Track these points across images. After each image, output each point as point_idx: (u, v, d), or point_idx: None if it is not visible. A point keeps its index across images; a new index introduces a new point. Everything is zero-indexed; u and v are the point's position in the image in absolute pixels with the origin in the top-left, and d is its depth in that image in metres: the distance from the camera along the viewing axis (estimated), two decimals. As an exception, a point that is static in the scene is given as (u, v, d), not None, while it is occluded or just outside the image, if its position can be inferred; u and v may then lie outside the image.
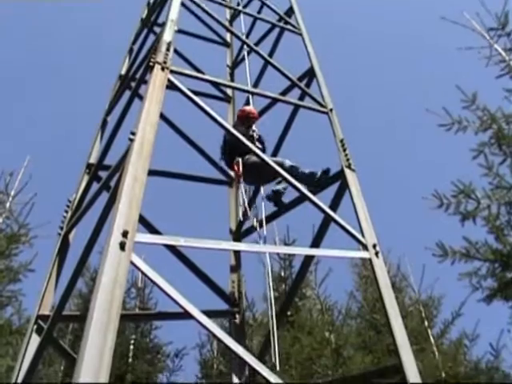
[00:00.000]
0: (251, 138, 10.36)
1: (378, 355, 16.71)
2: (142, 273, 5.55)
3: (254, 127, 10.87)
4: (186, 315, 5.99)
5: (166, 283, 5.79)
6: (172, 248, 9.41)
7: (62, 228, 9.19)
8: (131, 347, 17.38)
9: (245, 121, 10.89)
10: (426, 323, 18.44)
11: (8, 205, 19.03)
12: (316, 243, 8.69)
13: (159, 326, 18.33)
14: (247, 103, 12.04)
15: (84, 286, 20.67)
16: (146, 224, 9.41)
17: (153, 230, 9.43)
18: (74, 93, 53.07)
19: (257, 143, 10.47)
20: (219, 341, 6.95)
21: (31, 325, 8.22)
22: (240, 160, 9.98)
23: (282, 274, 19.73)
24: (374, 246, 7.67)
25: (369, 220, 8.08)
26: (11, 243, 18.02)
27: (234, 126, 10.26)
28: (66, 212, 9.40)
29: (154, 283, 5.71)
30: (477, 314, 17.55)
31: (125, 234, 5.38)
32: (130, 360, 16.99)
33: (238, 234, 10.56)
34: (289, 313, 18.21)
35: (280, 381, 6.04)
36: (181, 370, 17.58)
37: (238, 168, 9.92)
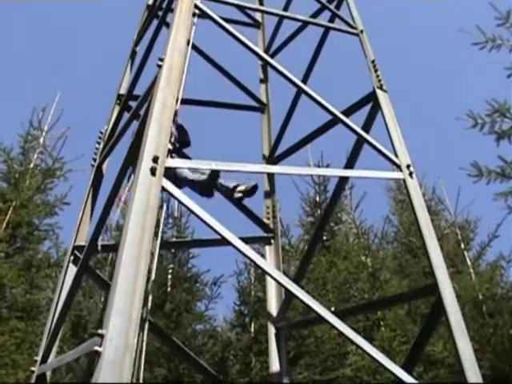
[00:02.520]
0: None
1: (414, 278, 16.73)
2: (174, 197, 5.57)
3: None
4: (223, 241, 6.02)
5: (200, 208, 5.80)
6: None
7: (94, 160, 9.19)
8: (169, 277, 17.52)
9: None
10: (463, 245, 18.37)
11: (42, 140, 19.16)
12: (349, 165, 8.64)
13: (196, 255, 18.42)
14: None
15: (121, 218, 20.78)
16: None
17: (183, 157, 9.39)
18: (104, 23, 52.85)
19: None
20: (256, 265, 6.97)
21: (68, 256, 8.30)
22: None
23: (317, 199, 19.72)
24: (408, 167, 7.62)
25: (402, 140, 8.02)
26: (46, 178, 18.18)
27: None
28: (99, 143, 9.40)
29: (187, 207, 5.73)
30: (514, 236, 17.48)
31: (155, 159, 5.39)
32: (169, 289, 17.15)
33: (272, 160, 10.49)
34: (324, 237, 18.29)
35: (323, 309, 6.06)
36: (219, 298, 17.71)
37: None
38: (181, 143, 9.14)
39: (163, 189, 5.37)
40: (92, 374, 4.22)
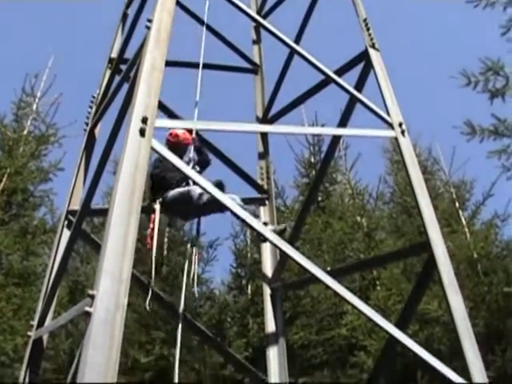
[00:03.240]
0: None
1: (409, 237, 16.76)
2: (163, 157, 5.55)
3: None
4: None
5: (192, 171, 5.80)
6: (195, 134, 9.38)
7: (87, 124, 9.17)
8: (165, 240, 17.48)
9: (176, 149, 8.66)
10: (458, 205, 18.36)
11: (35, 106, 19.12)
12: (342, 124, 8.60)
13: (192, 218, 18.34)
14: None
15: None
16: (168, 113, 9.37)
17: (175, 117, 9.32)
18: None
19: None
20: (249, 227, 6.99)
21: (62, 220, 8.35)
22: (157, 207, 8.32)
23: (312, 160, 19.69)
24: (400, 125, 7.62)
25: (394, 99, 8.01)
26: (40, 144, 18.21)
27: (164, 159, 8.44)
28: (91, 108, 9.37)
29: (180, 170, 5.73)
30: (508, 194, 17.45)
31: (144, 120, 5.38)
32: (165, 253, 17.11)
33: (265, 121, 10.45)
34: (319, 198, 18.31)
35: (317, 269, 6.08)
36: (215, 261, 17.70)
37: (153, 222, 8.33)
38: (202, 165, 9.06)
39: (152, 149, 5.37)
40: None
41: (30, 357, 7.32)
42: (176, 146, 8.78)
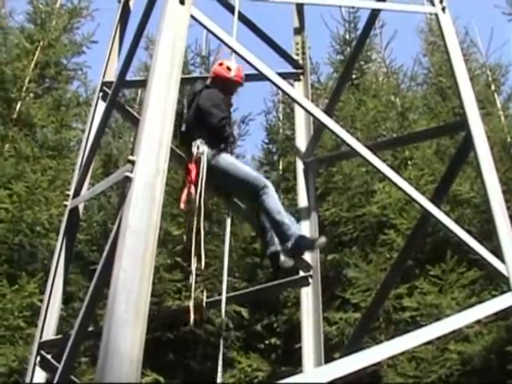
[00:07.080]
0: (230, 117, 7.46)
1: (443, 118, 16.59)
2: (203, 26, 5.53)
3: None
4: (254, 77, 6.00)
5: (234, 40, 5.76)
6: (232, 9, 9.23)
7: (120, -5, 9.06)
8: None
9: (226, 86, 7.40)
10: (493, 88, 18.13)
11: (72, -21, 18.87)
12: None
13: (224, 95, 18.25)
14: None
15: (149, 60, 20.59)
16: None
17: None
18: None
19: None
20: (288, 96, 6.96)
21: (97, 92, 8.35)
22: (204, 158, 6.57)
23: (347, 36, 19.35)
24: (441, 1, 7.46)
25: (435, -26, 7.80)
26: (73, 17, 18.13)
27: (205, 89, 7.28)
28: (126, -21, 9.20)
29: (216, 36, 5.70)
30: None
31: (183, -15, 5.31)
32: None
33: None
34: (353, 75, 18.08)
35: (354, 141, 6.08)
36: (247, 135, 17.62)
37: (195, 171, 6.60)
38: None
39: (192, 17, 5.31)
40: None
41: (66, 226, 7.46)
42: (226, 81, 7.35)
